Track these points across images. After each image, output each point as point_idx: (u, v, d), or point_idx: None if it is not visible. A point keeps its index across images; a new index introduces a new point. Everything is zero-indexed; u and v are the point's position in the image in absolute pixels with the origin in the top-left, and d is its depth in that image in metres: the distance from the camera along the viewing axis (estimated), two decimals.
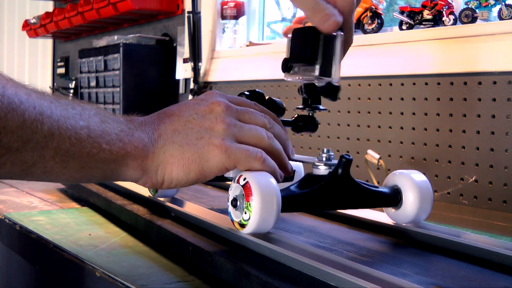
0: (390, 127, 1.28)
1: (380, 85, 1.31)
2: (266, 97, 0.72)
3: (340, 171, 0.60)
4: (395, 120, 1.27)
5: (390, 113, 1.28)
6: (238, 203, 0.55)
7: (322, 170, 0.63)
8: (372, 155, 1.17)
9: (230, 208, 0.57)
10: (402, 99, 1.25)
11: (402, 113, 1.25)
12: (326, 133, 1.41)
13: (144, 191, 0.79)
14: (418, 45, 1.24)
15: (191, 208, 0.70)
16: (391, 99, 1.28)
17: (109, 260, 0.61)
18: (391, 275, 0.45)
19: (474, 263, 0.55)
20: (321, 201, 0.60)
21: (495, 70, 1.09)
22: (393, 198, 0.64)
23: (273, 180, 0.55)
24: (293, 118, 0.72)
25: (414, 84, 1.23)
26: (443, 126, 1.17)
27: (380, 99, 1.30)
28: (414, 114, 1.23)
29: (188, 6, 1.98)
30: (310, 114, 0.71)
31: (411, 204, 0.63)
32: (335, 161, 0.62)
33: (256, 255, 0.53)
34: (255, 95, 0.70)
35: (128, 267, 0.59)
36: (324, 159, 0.63)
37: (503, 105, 1.07)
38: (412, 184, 0.63)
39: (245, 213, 0.54)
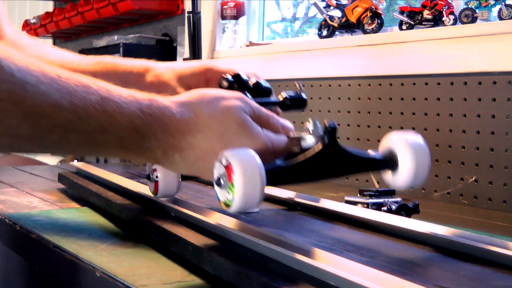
0: (390, 127, 1.28)
1: (380, 85, 1.31)
2: (253, 81, 0.71)
3: (326, 139, 0.58)
4: (395, 120, 1.27)
5: (390, 113, 1.28)
6: (222, 182, 0.54)
7: (310, 142, 0.60)
8: None
9: (216, 188, 0.56)
10: (402, 99, 1.25)
11: (402, 113, 1.25)
12: None
13: (145, 191, 0.79)
14: (418, 45, 1.24)
15: (191, 208, 0.70)
16: (391, 99, 1.28)
17: (109, 260, 0.61)
18: (391, 275, 0.45)
19: (474, 263, 0.55)
20: (310, 172, 0.59)
21: (495, 70, 1.09)
22: (388, 162, 0.62)
23: (255, 157, 0.54)
24: (280, 97, 0.70)
25: (414, 84, 1.23)
26: (443, 126, 1.17)
27: (380, 99, 1.30)
28: (414, 114, 1.23)
29: (188, 6, 1.98)
30: (298, 92, 0.69)
31: (408, 166, 0.60)
32: (320, 129, 0.60)
33: (256, 255, 0.53)
34: (238, 79, 0.69)
35: (128, 267, 0.59)
36: (311, 131, 0.61)
37: (503, 105, 1.07)
38: (406, 145, 0.61)
39: (229, 193, 0.53)
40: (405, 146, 0.61)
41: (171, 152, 0.57)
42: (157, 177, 0.71)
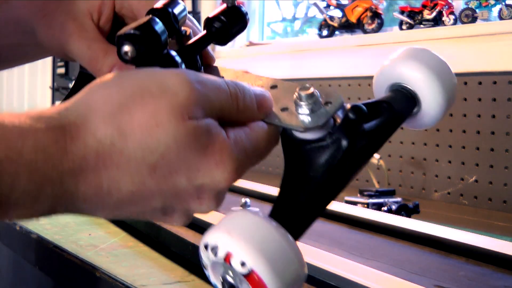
0: None
1: None
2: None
3: (345, 143, 0.38)
4: None
5: None
6: None
7: (308, 132, 0.37)
8: None
9: None
10: None
11: None
12: None
13: None
14: (419, 45, 1.24)
15: None
16: None
17: (109, 260, 0.61)
18: (391, 275, 0.45)
19: (474, 263, 0.55)
20: (338, 185, 0.40)
21: (495, 70, 1.09)
22: (408, 108, 0.43)
23: (288, 240, 0.35)
24: (208, 24, 0.44)
25: None
26: (443, 126, 1.17)
27: None
28: None
29: (188, 6, 1.98)
30: (229, 5, 0.44)
31: (434, 102, 0.43)
32: (326, 109, 0.37)
33: None
34: (164, 15, 0.40)
35: (128, 267, 0.59)
36: (308, 110, 0.37)
37: (503, 105, 1.07)
38: (426, 75, 0.43)
39: None
40: (421, 71, 0.43)
41: (70, 202, 0.32)
42: None
